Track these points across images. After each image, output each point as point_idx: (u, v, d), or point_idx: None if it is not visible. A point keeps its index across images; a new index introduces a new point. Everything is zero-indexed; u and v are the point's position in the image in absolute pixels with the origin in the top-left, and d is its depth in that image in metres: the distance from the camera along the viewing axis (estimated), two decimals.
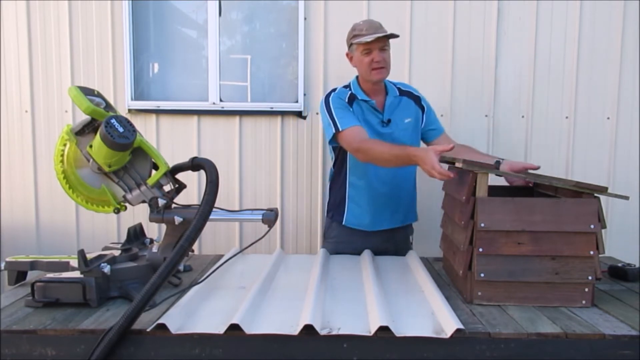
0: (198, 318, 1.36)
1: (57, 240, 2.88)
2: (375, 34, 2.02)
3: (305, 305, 1.41)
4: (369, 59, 2.05)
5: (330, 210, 2.30)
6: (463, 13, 2.78)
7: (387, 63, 2.09)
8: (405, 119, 2.18)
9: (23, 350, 1.28)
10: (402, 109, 2.19)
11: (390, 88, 2.19)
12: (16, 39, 2.82)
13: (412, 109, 2.21)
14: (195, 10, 2.91)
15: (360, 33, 2.05)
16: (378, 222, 2.20)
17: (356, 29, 2.08)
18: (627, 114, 2.81)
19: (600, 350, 1.26)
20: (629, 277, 1.77)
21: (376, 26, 2.06)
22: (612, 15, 2.76)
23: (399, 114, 2.17)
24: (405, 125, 2.18)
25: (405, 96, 2.22)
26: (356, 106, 2.12)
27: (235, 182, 2.88)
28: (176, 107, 2.85)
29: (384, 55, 2.06)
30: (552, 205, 1.47)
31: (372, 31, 2.03)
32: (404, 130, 2.17)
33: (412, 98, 2.23)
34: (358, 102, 2.13)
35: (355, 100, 2.13)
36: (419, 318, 1.37)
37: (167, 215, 1.60)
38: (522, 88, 2.82)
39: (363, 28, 2.05)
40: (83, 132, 1.57)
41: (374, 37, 2.00)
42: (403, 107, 2.20)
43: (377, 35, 2.01)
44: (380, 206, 2.18)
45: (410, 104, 2.22)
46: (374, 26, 2.06)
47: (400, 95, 2.21)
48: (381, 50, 2.05)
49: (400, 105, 2.19)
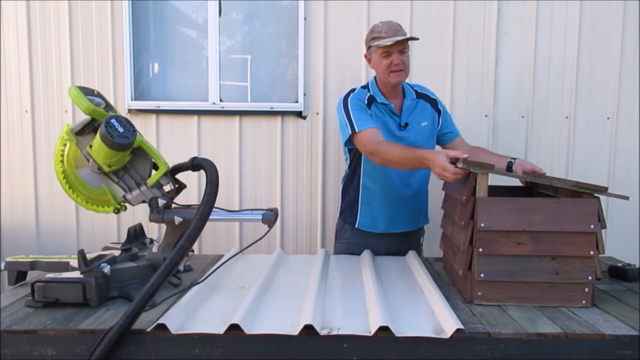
0: (198, 318, 1.36)
1: (57, 240, 2.88)
2: (395, 36, 1.98)
3: (305, 305, 1.41)
4: (387, 61, 2.02)
5: (343, 212, 2.28)
6: (463, 13, 2.78)
7: (406, 66, 2.05)
8: (422, 122, 2.16)
9: (23, 350, 1.28)
10: (419, 112, 2.17)
11: (407, 91, 2.17)
12: (16, 39, 2.82)
13: (428, 112, 2.19)
14: (195, 10, 2.91)
15: (380, 35, 2.01)
16: (392, 225, 2.19)
17: (375, 31, 2.04)
18: (627, 114, 2.81)
19: (600, 350, 1.26)
20: (629, 277, 1.77)
21: (395, 28, 2.02)
22: (612, 15, 2.77)
23: (416, 117, 2.15)
24: (422, 129, 2.15)
25: (422, 99, 2.19)
26: (375, 109, 2.10)
27: (235, 182, 2.88)
28: (176, 107, 2.85)
29: (403, 57, 2.03)
30: (552, 205, 1.47)
31: (392, 33, 2.00)
32: (420, 134, 2.15)
33: (429, 101, 2.21)
34: (377, 105, 2.10)
35: (374, 102, 2.10)
36: (419, 318, 1.37)
37: (167, 215, 1.60)
38: (522, 88, 2.82)
39: (382, 30, 2.01)
40: (83, 132, 1.57)
41: (393, 40, 1.97)
42: (420, 110, 2.17)
43: (397, 39, 1.97)
44: (394, 210, 2.17)
45: (426, 107, 2.19)
46: (393, 28, 2.02)
47: (417, 98, 2.18)
48: (400, 53, 2.01)
49: (417, 108, 2.17)
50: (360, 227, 2.20)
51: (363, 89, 2.15)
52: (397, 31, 2.02)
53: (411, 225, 2.23)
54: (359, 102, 2.07)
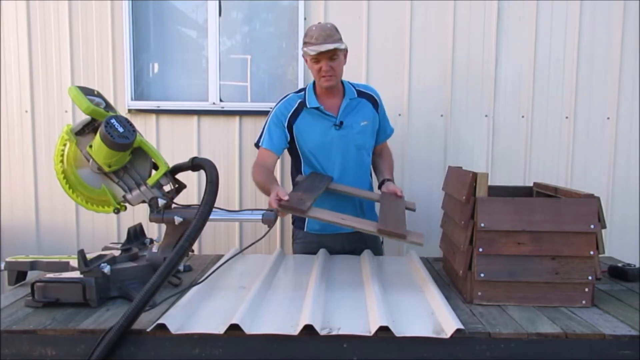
0: (198, 318, 1.36)
1: (57, 240, 2.88)
2: (324, 43, 1.98)
3: (305, 305, 1.41)
4: (317, 66, 2.05)
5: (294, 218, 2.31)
6: (463, 13, 2.78)
7: (336, 71, 2.06)
8: (361, 121, 2.16)
9: (23, 350, 1.28)
10: (358, 112, 2.17)
11: (347, 90, 2.18)
12: (16, 39, 2.82)
13: (369, 112, 2.19)
14: (195, 10, 2.92)
15: (310, 41, 2.01)
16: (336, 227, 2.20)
17: (307, 35, 2.05)
18: (627, 114, 2.81)
19: (600, 350, 1.26)
20: (629, 277, 1.77)
21: (326, 35, 2.00)
22: (612, 15, 2.76)
23: (354, 117, 2.16)
24: (361, 128, 2.16)
25: (364, 98, 2.20)
26: (305, 114, 2.13)
27: (235, 182, 2.88)
28: (176, 107, 2.85)
29: (333, 64, 2.03)
30: (552, 205, 1.48)
31: (322, 40, 1.99)
32: (360, 133, 2.16)
33: (370, 100, 2.21)
34: (307, 110, 2.13)
35: (305, 108, 2.13)
36: (419, 318, 1.36)
37: (167, 215, 1.60)
38: (522, 88, 2.82)
39: (313, 36, 2.01)
40: (83, 132, 1.57)
41: (317, 51, 1.98)
42: (359, 109, 2.18)
43: (321, 50, 1.98)
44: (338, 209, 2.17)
45: (367, 106, 2.20)
46: (324, 34, 2.00)
47: (359, 97, 2.19)
48: (330, 59, 2.02)
49: (357, 107, 2.17)
50: (309, 231, 2.23)
51: (297, 93, 2.19)
52: (327, 37, 2.00)
53: None
54: (279, 117, 2.15)
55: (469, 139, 2.83)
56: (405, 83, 2.80)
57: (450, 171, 1.92)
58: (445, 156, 2.83)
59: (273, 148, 2.14)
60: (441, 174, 2.08)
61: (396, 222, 1.68)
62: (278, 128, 2.15)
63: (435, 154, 2.84)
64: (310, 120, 2.14)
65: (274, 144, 2.15)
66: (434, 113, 2.82)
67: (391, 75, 2.81)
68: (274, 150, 2.15)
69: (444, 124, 2.83)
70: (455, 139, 2.84)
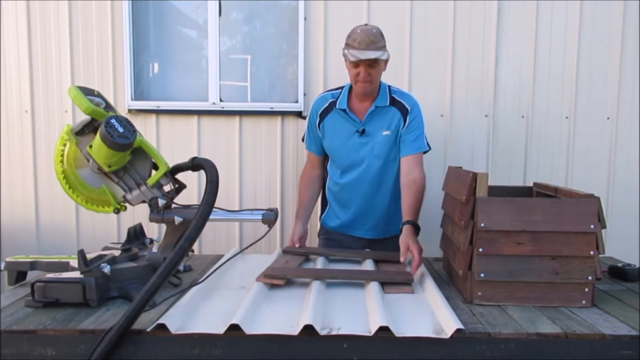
0: (198, 318, 1.36)
1: (57, 240, 2.88)
2: (366, 50, 1.92)
3: (305, 305, 1.41)
4: (355, 71, 1.99)
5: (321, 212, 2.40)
6: (463, 13, 2.78)
7: (374, 78, 2.00)
8: (383, 131, 2.08)
9: (23, 350, 1.28)
10: (383, 120, 2.08)
11: (380, 96, 2.08)
12: (16, 39, 2.82)
13: (394, 122, 2.07)
14: (195, 10, 2.92)
15: (352, 44, 1.95)
16: (352, 228, 2.25)
17: (350, 37, 1.98)
18: (627, 114, 2.81)
19: (600, 350, 1.26)
20: (629, 277, 1.77)
21: (370, 41, 1.93)
22: (612, 15, 2.77)
23: (377, 125, 2.08)
24: (383, 138, 2.08)
25: (395, 107, 2.08)
26: (334, 114, 2.12)
27: (235, 182, 2.88)
28: (176, 107, 2.85)
29: (371, 71, 1.97)
30: (552, 205, 1.47)
31: (364, 46, 1.92)
32: (380, 144, 2.08)
33: (401, 110, 2.08)
34: (336, 111, 2.11)
35: (333, 109, 2.12)
36: (419, 318, 1.36)
37: (167, 215, 1.60)
38: (522, 88, 2.82)
39: (357, 39, 1.94)
40: (83, 132, 1.57)
41: (357, 58, 1.93)
42: (385, 118, 2.08)
43: (361, 58, 1.92)
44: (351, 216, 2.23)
45: (396, 115, 2.08)
46: (367, 40, 1.93)
47: (390, 104, 2.08)
48: (369, 66, 1.96)
49: (383, 115, 2.08)
50: (325, 225, 2.33)
51: (332, 92, 2.18)
52: (370, 44, 1.93)
53: (376, 234, 2.23)
54: (312, 116, 2.18)
55: (469, 139, 2.82)
56: (405, 83, 2.80)
57: (450, 171, 1.92)
58: (445, 156, 2.84)
59: (312, 149, 2.24)
60: (441, 174, 2.07)
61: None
62: (313, 128, 2.19)
63: (435, 154, 2.83)
64: (337, 122, 2.12)
65: (313, 146, 2.24)
66: (434, 113, 2.82)
67: (391, 75, 2.79)
68: (315, 152, 2.24)
69: (444, 124, 2.83)
70: (455, 139, 2.84)
